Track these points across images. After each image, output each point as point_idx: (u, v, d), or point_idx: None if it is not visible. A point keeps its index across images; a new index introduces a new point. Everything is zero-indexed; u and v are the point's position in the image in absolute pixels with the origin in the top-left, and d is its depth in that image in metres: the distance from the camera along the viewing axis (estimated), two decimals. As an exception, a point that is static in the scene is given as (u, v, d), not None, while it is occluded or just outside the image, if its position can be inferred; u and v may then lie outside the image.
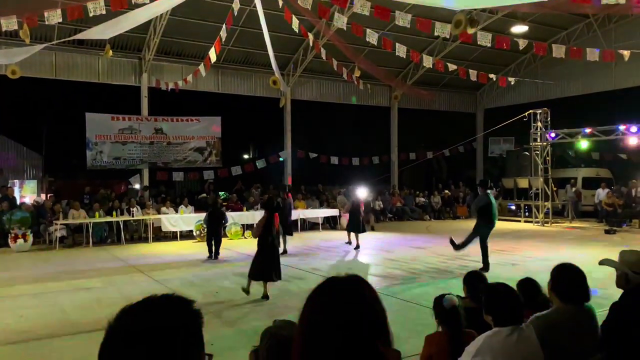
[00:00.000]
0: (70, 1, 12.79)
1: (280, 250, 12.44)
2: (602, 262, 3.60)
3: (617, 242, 13.72)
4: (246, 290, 8.19)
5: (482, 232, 10.42)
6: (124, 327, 1.11)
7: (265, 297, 8.13)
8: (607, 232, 16.89)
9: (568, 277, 3.22)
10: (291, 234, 14.19)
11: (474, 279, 4.15)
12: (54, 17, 11.57)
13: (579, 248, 13.12)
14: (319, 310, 1.37)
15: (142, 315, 1.14)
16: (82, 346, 5.75)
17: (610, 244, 13.43)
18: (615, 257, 3.58)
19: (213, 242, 12.67)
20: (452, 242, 10.74)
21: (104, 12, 11.56)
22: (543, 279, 3.65)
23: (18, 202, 16.55)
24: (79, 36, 14.84)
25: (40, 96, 24.09)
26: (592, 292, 3.25)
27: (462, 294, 4.09)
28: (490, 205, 10.45)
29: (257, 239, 8.59)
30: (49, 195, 18.44)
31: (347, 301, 1.36)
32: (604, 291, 5.60)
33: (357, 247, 13.83)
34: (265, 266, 8.26)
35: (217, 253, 12.65)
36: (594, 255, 4.85)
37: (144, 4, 11.91)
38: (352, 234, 14.29)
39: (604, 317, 3.28)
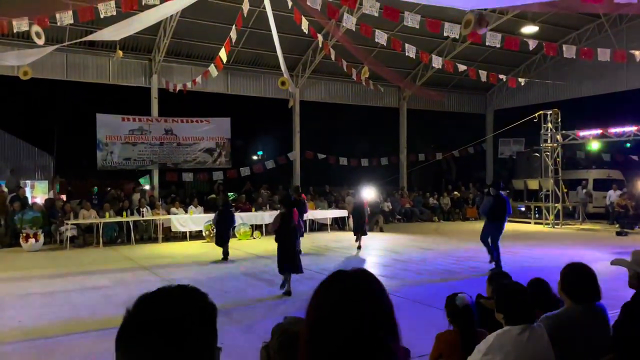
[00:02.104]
0: (82, 3, 12.89)
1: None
2: (615, 262, 3.58)
3: (629, 244, 13.58)
4: (287, 290, 8.33)
5: (491, 232, 10.31)
6: (140, 314, 1.16)
7: (288, 293, 8.30)
8: (618, 233, 16.76)
9: (578, 276, 3.20)
10: (302, 235, 14.29)
11: (500, 278, 4.09)
12: (65, 18, 11.67)
13: (590, 249, 13.01)
14: (326, 304, 1.37)
15: (157, 304, 1.17)
16: (92, 344, 5.81)
17: (622, 245, 13.29)
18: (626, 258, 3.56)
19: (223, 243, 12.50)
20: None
21: (114, 13, 11.66)
22: (553, 280, 3.63)
23: (30, 202, 16.67)
24: (90, 37, 14.94)
25: (51, 97, 24.31)
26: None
27: (481, 295, 4.10)
28: (495, 207, 10.31)
29: (275, 235, 8.83)
30: (60, 195, 18.55)
31: (353, 294, 1.35)
32: (615, 292, 5.56)
33: (359, 247, 13.86)
34: (288, 259, 8.45)
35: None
36: (605, 256, 4.81)
37: (155, 5, 11.99)
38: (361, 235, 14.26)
39: (615, 317, 3.26)
